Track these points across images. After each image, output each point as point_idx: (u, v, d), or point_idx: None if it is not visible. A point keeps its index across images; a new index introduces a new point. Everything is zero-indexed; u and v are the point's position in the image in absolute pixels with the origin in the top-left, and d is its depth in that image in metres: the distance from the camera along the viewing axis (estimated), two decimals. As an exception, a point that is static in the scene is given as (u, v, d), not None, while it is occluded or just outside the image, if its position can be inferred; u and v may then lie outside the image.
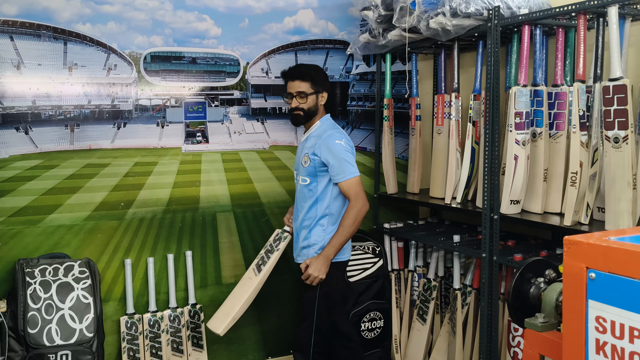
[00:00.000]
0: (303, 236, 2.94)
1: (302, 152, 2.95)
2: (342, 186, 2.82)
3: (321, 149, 2.82)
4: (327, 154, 2.81)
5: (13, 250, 3.01)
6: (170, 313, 3.28)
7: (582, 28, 2.53)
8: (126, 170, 3.27)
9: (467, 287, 3.22)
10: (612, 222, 2.37)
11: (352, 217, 2.80)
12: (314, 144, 2.87)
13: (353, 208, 2.80)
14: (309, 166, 2.87)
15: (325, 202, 2.89)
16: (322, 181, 2.88)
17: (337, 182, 2.83)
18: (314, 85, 2.90)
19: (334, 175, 2.83)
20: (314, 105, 2.92)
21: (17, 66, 3.00)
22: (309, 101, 2.90)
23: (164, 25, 3.32)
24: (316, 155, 2.84)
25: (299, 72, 2.92)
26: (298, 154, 3.05)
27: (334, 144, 2.81)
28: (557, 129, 2.79)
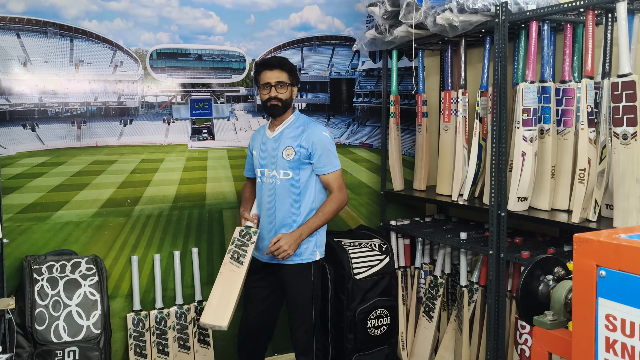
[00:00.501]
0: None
1: (281, 145, 2.86)
2: (327, 178, 2.86)
3: (309, 141, 2.82)
4: (315, 145, 2.82)
5: (21, 246, 3.02)
6: (177, 310, 3.29)
7: (590, 24, 2.51)
8: (133, 167, 3.27)
9: (474, 285, 3.21)
10: (621, 219, 2.36)
11: (335, 206, 2.85)
12: (297, 136, 2.84)
13: (337, 198, 2.86)
14: (293, 159, 2.82)
15: (311, 195, 2.87)
16: (304, 174, 2.86)
17: (323, 173, 2.85)
18: (291, 77, 2.88)
19: (320, 167, 2.84)
20: (289, 97, 2.89)
21: (23, 63, 3.00)
22: (287, 91, 2.87)
23: (170, 22, 3.31)
24: (303, 147, 2.82)
25: (278, 61, 2.88)
26: (269, 149, 2.90)
27: (322, 136, 2.84)
28: (565, 125, 2.77)
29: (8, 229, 2.98)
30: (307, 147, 2.82)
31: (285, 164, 2.84)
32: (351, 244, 3.45)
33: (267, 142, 2.94)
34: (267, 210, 2.91)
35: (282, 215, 2.86)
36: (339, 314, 3.37)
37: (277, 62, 2.87)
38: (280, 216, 2.87)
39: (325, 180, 2.87)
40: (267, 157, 2.92)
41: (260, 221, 2.94)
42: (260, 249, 2.92)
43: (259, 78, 2.89)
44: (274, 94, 2.84)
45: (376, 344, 3.42)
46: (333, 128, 3.81)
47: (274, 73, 2.84)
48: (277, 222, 2.87)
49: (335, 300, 3.40)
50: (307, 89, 3.74)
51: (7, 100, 2.98)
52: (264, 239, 2.91)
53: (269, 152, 2.91)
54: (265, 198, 2.91)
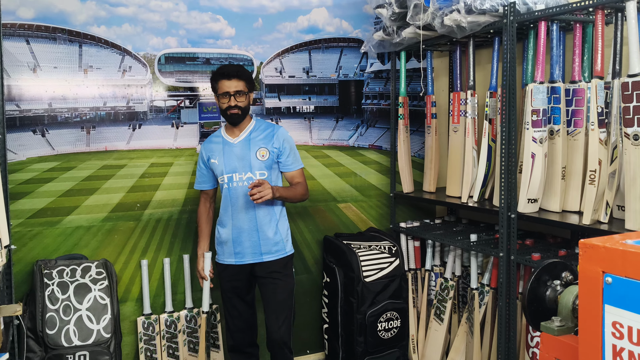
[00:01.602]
0: (270, 231, 2.95)
1: (252, 147, 2.93)
2: (294, 174, 3.04)
3: (280, 140, 2.96)
4: (285, 143, 2.98)
5: (33, 251, 3.05)
6: (187, 313, 3.30)
7: (600, 23, 2.48)
8: (142, 172, 3.29)
9: (485, 287, 3.18)
10: (633, 220, 2.32)
11: (302, 191, 3.02)
12: (267, 137, 2.96)
13: (304, 188, 3.04)
14: (268, 159, 2.94)
15: None
16: (274, 173, 3.00)
17: (291, 170, 3.02)
18: (248, 85, 2.92)
19: (289, 165, 3.01)
20: (247, 105, 2.94)
21: (33, 69, 3.02)
22: (246, 100, 2.92)
23: (179, 26, 3.32)
24: (275, 147, 2.95)
25: (236, 71, 2.90)
26: (237, 153, 2.93)
27: (288, 136, 3.03)
28: (575, 126, 2.74)
29: (19, 234, 3.01)
30: (278, 146, 2.97)
31: (261, 164, 2.94)
32: (361, 246, 3.44)
33: (231, 147, 2.97)
34: (244, 211, 2.93)
35: (262, 214, 2.94)
36: (349, 316, 3.36)
37: (235, 72, 2.90)
38: (261, 215, 2.94)
39: (292, 175, 3.04)
40: (235, 162, 2.94)
41: (238, 224, 2.95)
42: (239, 252, 2.97)
43: (216, 87, 2.93)
44: (233, 103, 2.89)
45: (387, 347, 3.41)
46: (342, 130, 3.81)
47: (232, 82, 2.88)
48: (258, 221, 2.94)
49: (345, 303, 3.39)
50: (315, 91, 3.74)
51: (17, 106, 3.01)
52: (242, 243, 2.95)
53: (237, 156, 2.94)
54: (240, 201, 2.93)
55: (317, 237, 3.71)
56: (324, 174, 3.74)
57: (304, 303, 3.68)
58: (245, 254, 2.96)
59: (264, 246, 2.94)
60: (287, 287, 3.00)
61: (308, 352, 3.72)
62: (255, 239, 2.94)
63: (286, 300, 2.99)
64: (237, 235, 2.95)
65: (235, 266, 2.99)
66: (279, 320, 2.96)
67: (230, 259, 2.99)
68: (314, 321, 3.72)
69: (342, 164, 3.81)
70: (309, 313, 3.69)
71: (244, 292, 3.04)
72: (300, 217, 3.68)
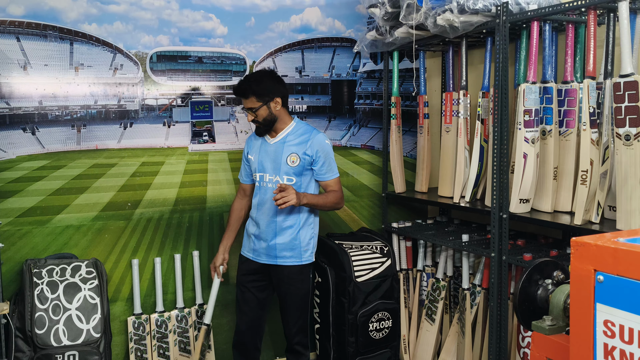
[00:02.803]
0: (288, 237, 2.93)
1: (285, 151, 2.90)
2: (329, 183, 2.96)
3: (314, 148, 2.88)
4: (319, 153, 2.90)
5: (22, 250, 3.02)
6: (178, 313, 3.28)
7: (592, 23, 2.49)
8: (133, 170, 3.26)
9: (476, 287, 3.18)
10: (624, 221, 2.33)
11: (334, 200, 2.95)
12: (302, 143, 2.90)
13: (338, 196, 2.96)
14: (298, 165, 2.89)
15: None
16: (305, 180, 2.94)
17: (326, 179, 2.95)
18: (259, 99, 2.84)
19: (323, 173, 2.93)
20: (268, 115, 2.87)
21: (23, 67, 3.00)
22: (260, 113, 2.86)
23: (170, 24, 3.31)
24: (307, 155, 2.89)
25: (240, 89, 2.88)
26: (271, 154, 2.94)
27: (325, 144, 2.93)
28: (567, 126, 2.74)
29: (8, 233, 2.98)
30: (312, 154, 2.89)
31: (290, 169, 2.89)
32: (352, 246, 3.43)
33: (267, 147, 2.96)
34: (267, 212, 2.94)
35: (282, 219, 2.92)
36: (340, 317, 3.35)
37: (240, 91, 2.88)
38: (280, 219, 2.92)
39: (327, 184, 2.97)
40: (268, 162, 2.94)
41: (260, 223, 2.97)
42: (255, 250, 2.99)
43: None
44: (250, 118, 2.90)
45: (378, 347, 3.40)
46: (334, 130, 3.80)
47: (243, 100, 2.89)
48: (277, 225, 2.92)
49: (337, 303, 3.38)
50: (308, 91, 3.73)
51: (7, 103, 2.98)
52: (260, 242, 2.96)
53: (270, 157, 2.94)
54: (266, 202, 2.95)
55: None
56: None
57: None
58: (261, 254, 2.98)
59: (279, 251, 2.94)
60: (300, 293, 2.99)
61: (300, 353, 3.71)
62: (272, 242, 2.94)
63: (301, 304, 3.00)
64: (258, 233, 2.98)
65: (253, 262, 3.01)
66: (291, 321, 3.02)
67: (250, 253, 3.03)
68: (305, 321, 3.71)
69: (335, 163, 3.80)
70: (300, 313, 3.68)
71: (257, 289, 3.04)
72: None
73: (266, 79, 2.90)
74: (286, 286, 2.98)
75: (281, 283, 2.98)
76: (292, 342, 3.05)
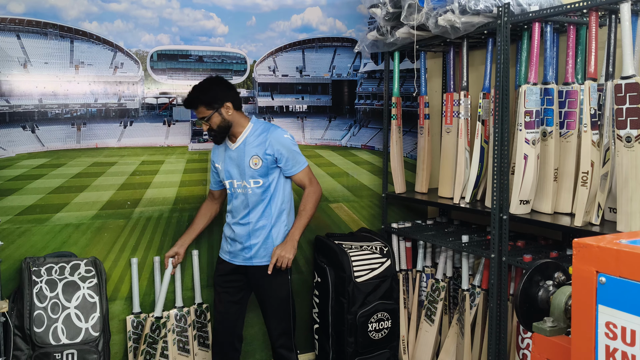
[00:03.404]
0: (262, 237, 2.94)
1: (246, 155, 2.89)
2: (298, 177, 2.97)
3: (273, 146, 2.88)
4: (280, 149, 2.89)
5: (20, 248, 3.01)
6: (177, 312, 3.27)
7: (593, 25, 2.49)
8: (133, 169, 3.26)
9: (476, 288, 3.18)
10: (624, 223, 2.32)
11: (313, 201, 2.97)
12: (261, 144, 2.88)
13: (314, 193, 2.98)
14: (261, 167, 2.88)
15: (280, 197, 2.96)
16: (273, 178, 2.93)
17: (293, 174, 2.95)
18: (208, 107, 2.84)
19: (289, 168, 2.93)
20: (221, 122, 2.87)
21: (23, 65, 2.99)
22: (213, 121, 2.86)
23: (171, 23, 3.30)
24: (268, 154, 2.88)
25: (188, 101, 2.89)
26: (234, 160, 2.93)
27: (284, 139, 2.91)
28: (567, 127, 2.74)
29: (7, 231, 2.97)
30: (272, 153, 2.89)
31: (254, 172, 2.90)
32: (352, 246, 3.43)
33: (230, 153, 2.96)
34: (241, 218, 2.97)
35: (254, 220, 2.94)
36: (340, 317, 3.34)
37: (188, 103, 2.91)
38: (253, 221, 2.94)
39: (297, 178, 2.98)
40: (233, 168, 2.95)
41: (234, 227, 3.00)
42: (231, 252, 3.02)
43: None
44: (206, 127, 2.91)
45: (377, 348, 3.40)
46: (335, 130, 3.80)
47: (195, 111, 2.91)
48: (251, 227, 2.95)
49: (336, 303, 3.38)
50: (308, 90, 3.73)
51: (7, 101, 2.97)
52: (235, 245, 2.99)
53: (234, 162, 2.94)
54: (236, 206, 2.98)
55: (309, 237, 3.69)
56: (316, 174, 3.69)
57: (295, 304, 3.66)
58: (237, 255, 3.00)
59: (255, 251, 2.96)
60: (280, 294, 2.98)
61: (298, 352, 3.70)
62: (247, 243, 2.96)
63: (281, 306, 3.00)
64: (233, 237, 2.99)
65: (229, 263, 3.03)
66: (273, 323, 3.01)
67: (226, 255, 3.05)
68: (304, 321, 3.71)
69: (335, 164, 3.80)
70: (299, 313, 3.66)
71: (233, 290, 3.05)
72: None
73: (213, 86, 2.89)
74: (264, 287, 2.98)
75: (259, 284, 2.98)
76: (275, 345, 3.03)
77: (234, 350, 3.14)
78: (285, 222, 2.99)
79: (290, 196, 3.03)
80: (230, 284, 3.05)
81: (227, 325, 3.09)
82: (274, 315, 3.01)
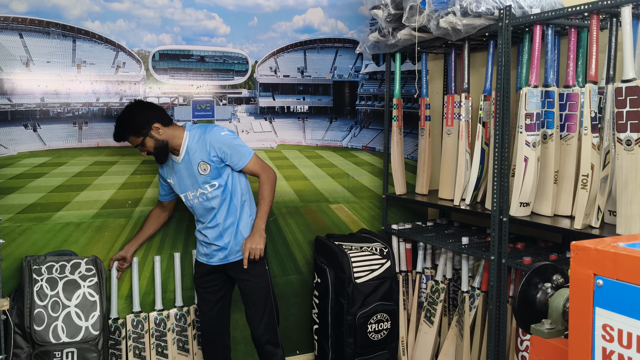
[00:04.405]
0: (232, 234, 2.98)
1: (193, 164, 2.90)
2: (248, 168, 2.96)
3: (214, 146, 2.87)
4: (222, 147, 2.88)
5: (21, 247, 3.02)
6: (177, 312, 3.28)
7: (594, 28, 2.49)
8: (134, 169, 3.27)
9: (476, 290, 3.18)
10: (624, 226, 2.33)
11: (270, 187, 2.96)
12: (202, 148, 2.88)
13: (268, 180, 2.96)
14: (211, 170, 2.89)
15: (239, 191, 2.99)
16: (227, 176, 2.94)
17: (242, 167, 2.94)
18: (137, 135, 2.84)
19: (236, 163, 2.93)
20: (155, 143, 2.87)
21: (26, 63, 3.00)
22: (148, 145, 2.86)
23: (173, 23, 3.31)
24: (212, 156, 2.88)
25: (118, 136, 2.89)
26: (184, 173, 2.94)
27: (221, 137, 2.90)
28: (568, 130, 2.74)
29: (8, 229, 2.98)
30: (216, 153, 2.89)
31: (206, 178, 2.91)
32: (352, 247, 3.44)
33: (178, 167, 2.96)
34: (209, 221, 2.99)
35: (222, 220, 2.97)
36: (339, 318, 3.35)
37: (118, 137, 2.90)
38: (221, 221, 2.97)
39: (246, 170, 2.98)
40: (185, 180, 2.96)
41: (204, 232, 3.02)
42: (207, 254, 3.05)
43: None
44: (144, 154, 2.92)
45: (376, 349, 3.40)
46: (335, 131, 3.80)
47: (128, 142, 2.90)
48: (220, 228, 2.98)
49: (336, 304, 3.38)
50: (309, 91, 3.73)
51: (9, 100, 2.98)
52: (210, 245, 3.02)
53: (185, 175, 2.95)
54: (202, 213, 3.01)
55: (309, 238, 3.70)
56: (317, 175, 3.73)
57: (294, 303, 3.67)
58: (213, 256, 3.03)
59: (229, 249, 2.99)
60: (261, 284, 3.01)
61: (297, 353, 3.71)
62: (220, 243, 2.99)
63: (262, 297, 3.02)
64: (207, 240, 3.02)
65: (205, 265, 3.07)
66: (256, 317, 3.02)
67: (203, 258, 3.09)
68: (303, 322, 3.71)
69: (335, 164, 3.81)
70: (298, 313, 3.68)
71: (215, 289, 3.09)
72: (291, 217, 3.67)
73: (134, 113, 2.87)
74: (244, 281, 3.01)
75: (240, 278, 3.01)
76: (261, 341, 3.02)
77: (225, 347, 3.17)
78: (248, 213, 3.02)
79: (247, 186, 3.04)
80: (211, 282, 3.08)
81: (215, 325, 3.12)
82: (257, 307, 3.01)
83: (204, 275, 3.09)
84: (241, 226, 2.99)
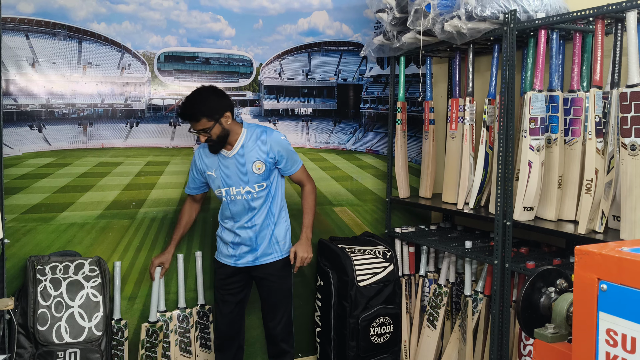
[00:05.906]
0: (267, 237, 3.00)
1: (247, 160, 2.90)
2: (297, 175, 3.07)
3: (274, 149, 2.93)
4: (280, 150, 2.95)
5: (25, 247, 3.03)
6: (179, 313, 3.28)
7: (599, 33, 2.49)
8: (138, 170, 3.28)
9: (479, 294, 3.18)
10: (628, 231, 2.32)
11: (315, 198, 3.12)
12: (261, 148, 2.91)
13: (313, 190, 3.11)
14: (265, 170, 2.93)
15: (280, 196, 3.06)
16: (273, 180, 3.00)
17: (292, 173, 3.05)
18: (210, 118, 2.81)
19: (288, 168, 3.02)
20: (221, 132, 2.85)
21: (32, 64, 3.01)
22: (214, 132, 2.83)
23: (179, 25, 3.32)
24: (271, 158, 2.93)
25: (189, 114, 2.83)
26: (232, 167, 2.93)
27: (282, 140, 2.98)
28: (572, 135, 2.74)
29: (13, 229, 2.99)
30: (274, 155, 2.95)
31: (259, 177, 2.93)
32: (355, 250, 3.44)
33: (227, 160, 2.95)
34: (245, 222, 2.98)
35: (260, 222, 2.98)
36: (342, 320, 3.35)
37: (189, 116, 2.85)
38: (259, 222, 2.98)
39: (295, 177, 3.08)
40: (232, 176, 2.95)
41: (238, 231, 3.01)
42: (234, 255, 3.03)
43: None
44: (203, 139, 2.89)
45: (379, 352, 3.40)
46: (339, 134, 3.81)
47: (192, 124, 2.86)
48: (257, 229, 2.99)
49: (338, 307, 3.38)
50: (314, 94, 3.74)
51: (14, 100, 2.99)
52: (241, 248, 3.01)
53: (233, 170, 2.94)
54: (240, 212, 2.98)
55: (312, 240, 3.69)
56: (321, 177, 3.73)
57: (296, 306, 3.66)
58: (242, 257, 3.02)
59: (261, 251, 3.00)
60: (284, 287, 3.07)
61: (300, 356, 3.71)
62: (253, 245, 2.99)
63: (283, 300, 3.06)
64: (239, 241, 3.01)
65: (230, 266, 3.05)
66: (275, 318, 3.05)
67: (227, 259, 3.06)
68: (306, 324, 3.71)
69: (339, 167, 3.81)
70: (301, 316, 3.68)
71: (236, 290, 3.08)
72: (295, 219, 3.66)
73: (212, 96, 2.87)
74: (270, 283, 3.04)
75: (264, 281, 3.05)
76: (277, 339, 3.07)
77: (240, 348, 3.18)
78: (285, 218, 3.08)
79: (284, 194, 3.11)
80: (234, 285, 3.07)
81: (234, 326, 3.12)
82: (278, 308, 3.05)
83: (228, 277, 3.07)
84: (277, 230, 3.02)
